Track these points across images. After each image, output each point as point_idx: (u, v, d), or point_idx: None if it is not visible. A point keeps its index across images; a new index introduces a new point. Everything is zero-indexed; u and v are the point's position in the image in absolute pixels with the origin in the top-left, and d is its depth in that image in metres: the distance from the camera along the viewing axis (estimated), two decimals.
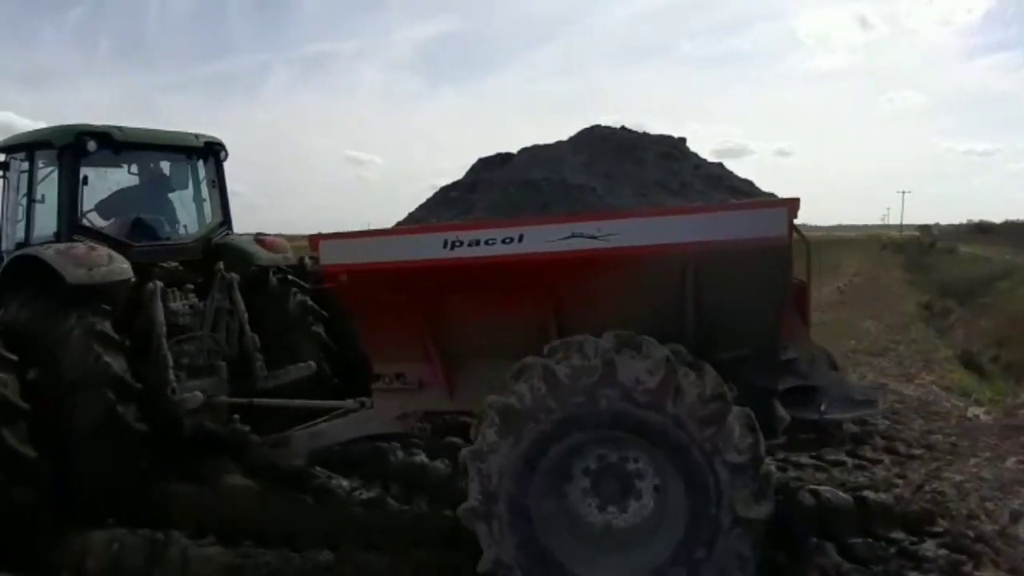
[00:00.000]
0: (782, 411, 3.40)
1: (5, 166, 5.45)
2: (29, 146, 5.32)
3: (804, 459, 5.21)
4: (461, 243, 3.36)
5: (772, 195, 5.67)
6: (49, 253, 4.57)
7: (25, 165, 5.28)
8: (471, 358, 3.64)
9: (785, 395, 3.49)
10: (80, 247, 4.66)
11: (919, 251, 38.43)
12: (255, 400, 5.09)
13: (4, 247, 5.36)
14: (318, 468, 5.01)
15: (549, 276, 3.34)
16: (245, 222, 3.99)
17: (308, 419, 4.65)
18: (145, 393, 4.52)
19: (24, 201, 5.24)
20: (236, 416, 5.00)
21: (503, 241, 3.29)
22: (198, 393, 4.79)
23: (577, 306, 3.41)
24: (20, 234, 5.25)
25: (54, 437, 4.21)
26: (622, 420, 3.00)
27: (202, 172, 5.89)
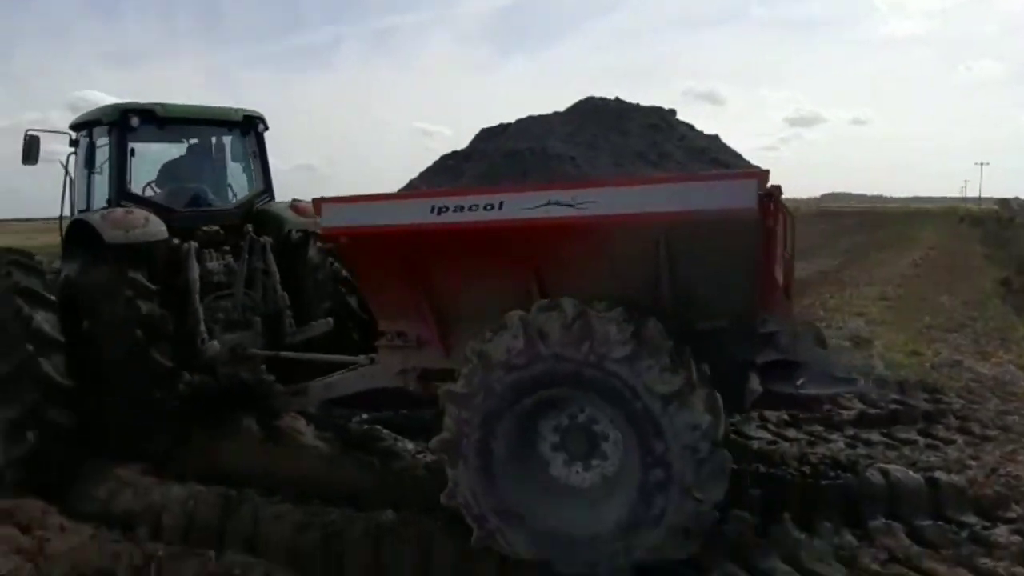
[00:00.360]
0: (755, 383, 3.46)
1: (75, 143, 6.01)
2: (87, 124, 5.86)
3: (874, 436, 5.11)
4: (447, 208, 3.49)
5: (757, 168, 5.34)
6: (95, 217, 5.20)
7: (86, 141, 5.86)
8: (463, 319, 3.76)
9: (767, 369, 3.53)
10: (119, 211, 5.21)
11: (998, 225, 36.46)
12: (281, 353, 5.55)
13: (72, 214, 5.87)
14: (385, 431, 5.18)
15: (528, 242, 3.44)
16: (317, 193, 4.39)
17: (327, 372, 4.98)
18: (178, 343, 5.04)
19: (85, 173, 5.85)
20: (263, 367, 5.58)
21: (485, 207, 3.40)
22: (215, 343, 5.30)
23: (556, 272, 3.50)
24: (82, 202, 5.84)
25: (92, 373, 4.80)
26: (559, 376, 3.20)
27: (243, 144, 6.35)
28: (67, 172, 6.07)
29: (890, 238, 27.75)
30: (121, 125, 5.50)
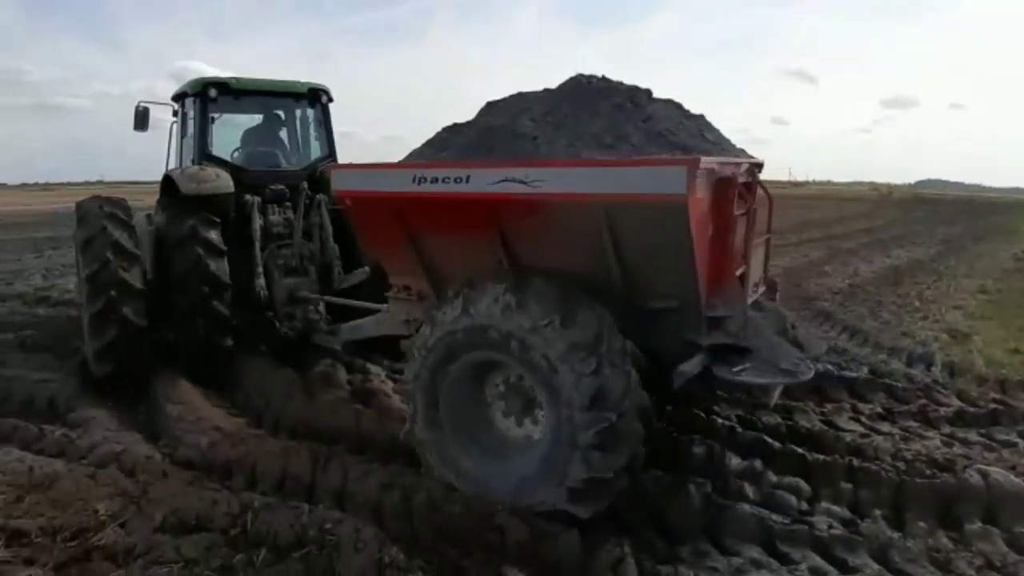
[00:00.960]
0: (690, 365, 3.48)
1: (176, 112, 7.14)
2: (181, 96, 6.92)
3: (972, 436, 4.86)
4: (425, 180, 3.83)
5: (742, 153, 5.08)
6: (176, 173, 6.23)
7: (180, 110, 7.02)
8: (452, 279, 4.07)
9: (716, 352, 3.59)
10: (194, 168, 6.23)
11: None
12: (326, 297, 6.38)
13: None
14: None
15: (490, 214, 3.73)
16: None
17: (364, 316, 5.63)
18: (239, 285, 6.05)
19: (179, 138, 7.05)
20: (313, 307, 6.42)
21: (455, 180, 3.72)
22: (261, 281, 6.28)
23: (518, 244, 3.81)
24: (176, 163, 7.04)
25: (168, 310, 5.93)
26: (486, 343, 3.62)
27: (310, 113, 7.25)
28: (170, 137, 7.28)
29: (989, 229, 26.07)
30: (203, 96, 6.46)
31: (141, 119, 7.10)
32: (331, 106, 7.16)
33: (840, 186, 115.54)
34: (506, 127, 4.61)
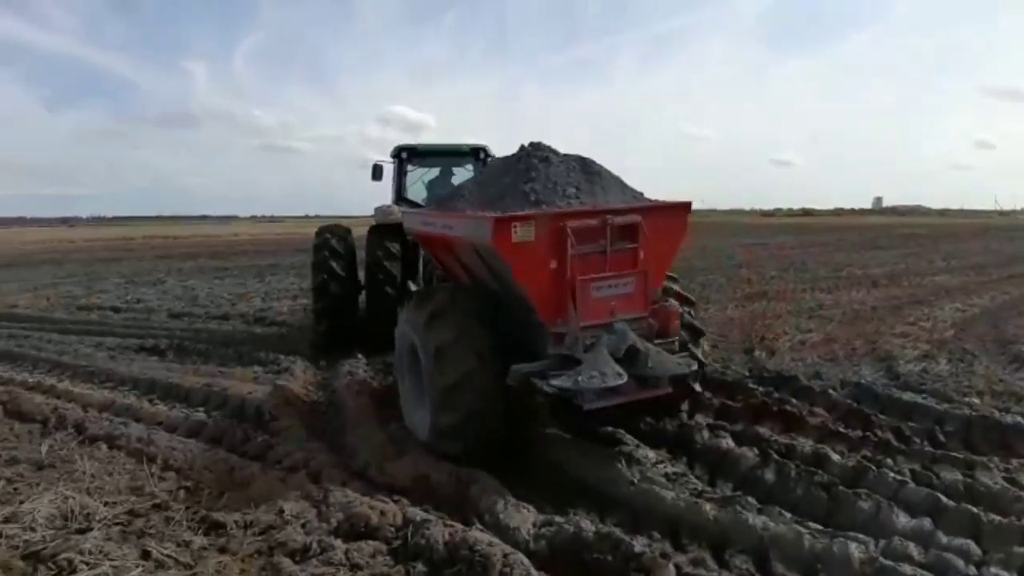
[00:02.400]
0: (521, 367, 4.59)
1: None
2: (392, 155, 9.34)
3: None
4: (425, 222, 5.80)
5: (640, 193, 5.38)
6: (377, 207, 8.93)
7: (390, 164, 9.38)
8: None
9: (560, 360, 4.54)
10: (387, 205, 8.94)
11: None
12: None
13: None
14: (628, 436, 5.18)
15: (438, 245, 5.82)
16: None
17: None
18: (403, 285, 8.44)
19: (392, 184, 9.43)
20: None
21: (430, 223, 5.64)
22: (410, 283, 8.53)
23: (447, 265, 6.04)
24: (392, 201, 9.41)
25: (356, 295, 8.96)
26: (407, 331, 5.42)
27: (473, 166, 9.44)
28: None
29: None
30: (398, 157, 9.18)
31: (377, 172, 9.33)
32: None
33: None
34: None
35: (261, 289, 17.20)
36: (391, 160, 9.36)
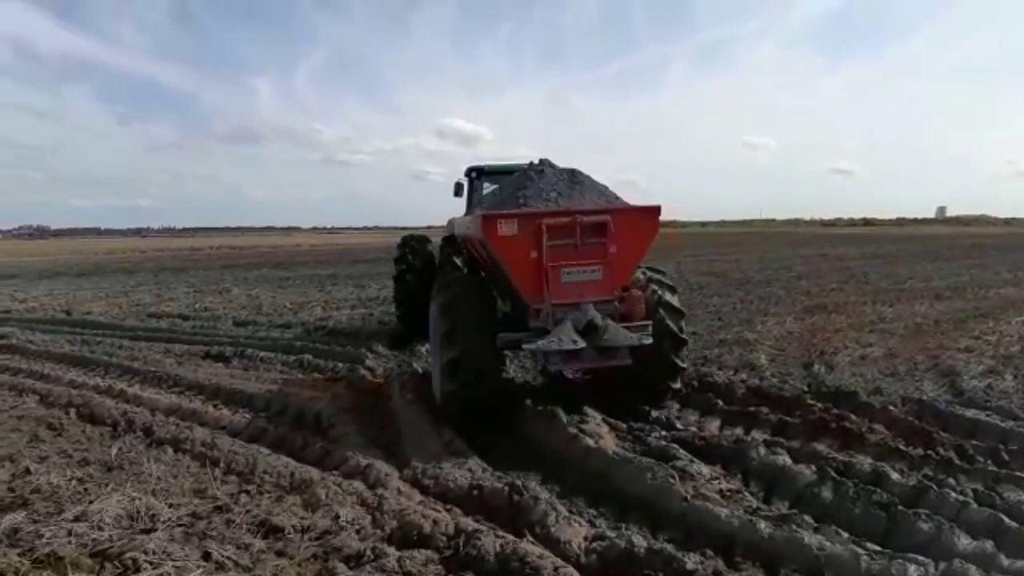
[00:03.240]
0: (506, 335, 5.97)
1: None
2: (465, 173, 10.32)
3: None
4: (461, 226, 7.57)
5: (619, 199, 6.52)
6: (449, 219, 10.08)
7: (464, 181, 10.40)
8: None
9: (539, 332, 5.67)
10: (454, 218, 9.84)
11: None
12: None
13: None
14: (682, 450, 5.12)
15: (470, 243, 7.22)
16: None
17: None
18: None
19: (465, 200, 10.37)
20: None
21: (464, 227, 7.37)
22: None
23: (481, 262, 7.19)
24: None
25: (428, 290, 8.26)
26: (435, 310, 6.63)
27: None
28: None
29: None
30: (468, 176, 10.25)
31: (458, 189, 10.40)
32: (571, 153, 9.33)
33: None
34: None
35: (321, 298, 17.64)
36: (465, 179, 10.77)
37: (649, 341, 5.71)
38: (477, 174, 10.26)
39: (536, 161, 6.54)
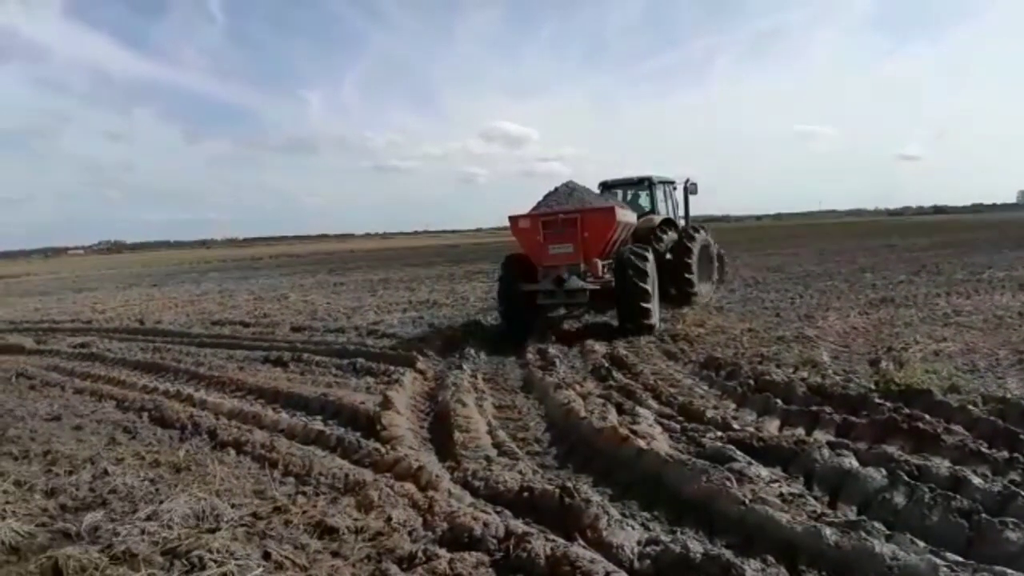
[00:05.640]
0: (530, 286, 11.07)
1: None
2: (597, 187, 13.89)
3: None
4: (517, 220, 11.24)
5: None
6: None
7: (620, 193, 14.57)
8: None
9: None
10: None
11: None
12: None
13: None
14: (739, 452, 4.95)
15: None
16: (696, 205, 8.84)
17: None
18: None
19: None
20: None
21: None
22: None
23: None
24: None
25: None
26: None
27: (643, 192, 14.53)
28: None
29: None
30: (603, 187, 14.10)
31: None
32: (624, 155, 11.50)
33: None
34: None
35: (374, 303, 17.91)
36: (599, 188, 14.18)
37: (594, 287, 10.47)
38: (603, 187, 14.07)
39: (567, 182, 11.66)
